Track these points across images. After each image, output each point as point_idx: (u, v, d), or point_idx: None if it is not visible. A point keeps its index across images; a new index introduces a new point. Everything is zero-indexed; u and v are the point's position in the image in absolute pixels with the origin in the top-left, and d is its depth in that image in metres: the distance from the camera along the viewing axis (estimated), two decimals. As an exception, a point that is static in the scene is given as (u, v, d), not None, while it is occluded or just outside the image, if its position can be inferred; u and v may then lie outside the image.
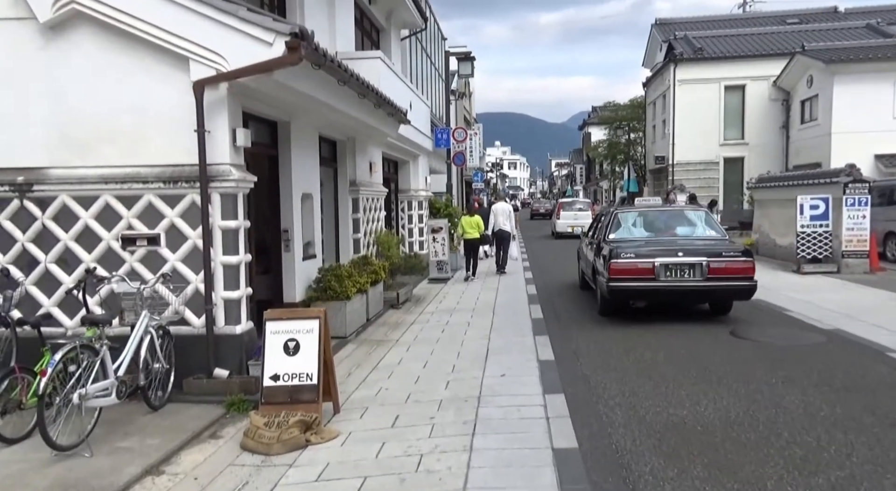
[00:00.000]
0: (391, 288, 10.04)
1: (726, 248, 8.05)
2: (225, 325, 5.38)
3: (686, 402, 4.89)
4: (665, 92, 27.73)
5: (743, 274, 7.71)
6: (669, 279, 7.69)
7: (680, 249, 7.86)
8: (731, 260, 7.75)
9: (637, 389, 5.25)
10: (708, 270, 7.62)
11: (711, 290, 7.83)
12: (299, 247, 7.36)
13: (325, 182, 9.22)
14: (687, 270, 7.66)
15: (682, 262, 7.67)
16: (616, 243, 8.27)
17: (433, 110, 17.42)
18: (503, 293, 11.00)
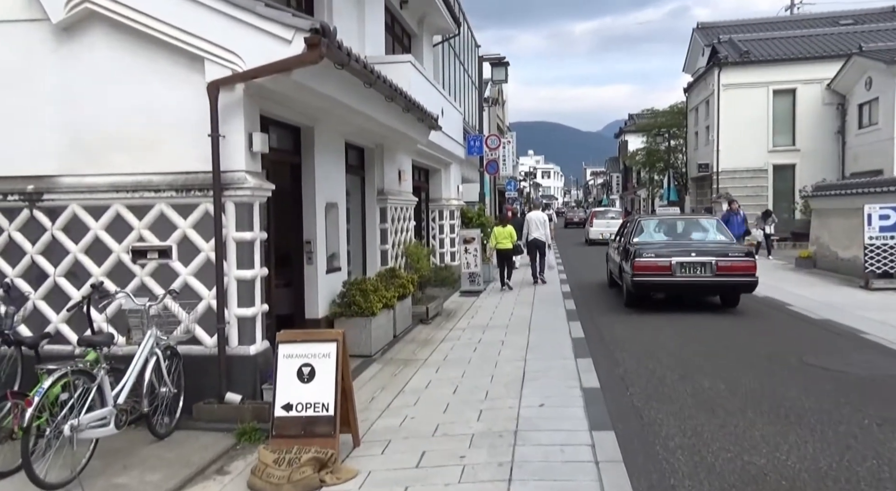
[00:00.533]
0: (420, 302, 9.57)
1: (732, 249, 9.59)
2: (238, 345, 4.97)
3: (762, 446, 4.23)
4: (709, 97, 26.71)
5: (746, 271, 9.13)
6: (684, 275, 9.18)
7: (693, 250, 9.41)
8: (736, 259, 9.22)
9: (701, 428, 4.61)
10: (717, 267, 9.07)
11: (720, 284, 9.34)
12: (322, 259, 6.95)
13: (351, 191, 8.83)
14: (699, 267, 9.14)
15: (695, 260, 9.18)
16: (639, 245, 9.76)
17: (466, 118, 16.99)
18: (539, 308, 10.40)
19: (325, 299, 6.99)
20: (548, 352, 7.03)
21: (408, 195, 10.33)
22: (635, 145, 48.33)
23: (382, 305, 7.28)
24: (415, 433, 4.67)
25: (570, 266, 16.35)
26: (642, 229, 10.53)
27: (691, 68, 33.63)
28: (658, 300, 10.17)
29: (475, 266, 13.00)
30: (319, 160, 6.86)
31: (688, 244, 9.86)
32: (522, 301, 11.31)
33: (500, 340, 7.82)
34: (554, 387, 5.65)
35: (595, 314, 9.62)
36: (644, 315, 9.33)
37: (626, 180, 57.19)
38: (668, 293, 9.86)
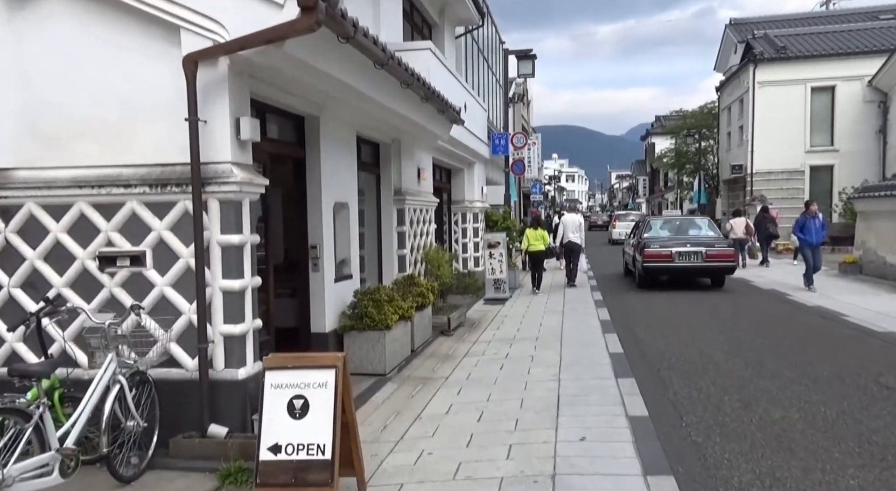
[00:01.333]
0: (441, 311, 8.76)
1: (718, 242, 12.54)
2: (224, 368, 4.21)
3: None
4: (743, 95, 25.47)
5: (728, 258, 12.12)
6: (681, 261, 12.02)
7: (689, 243, 12.26)
8: (720, 249, 12.15)
9: (780, 472, 3.72)
10: (706, 255, 11.94)
11: (708, 268, 12.17)
12: (331, 266, 6.18)
13: (365, 190, 8.08)
14: (692, 255, 12.01)
15: (690, 250, 12.04)
16: (648, 239, 12.77)
17: (490, 118, 16.18)
18: (570, 317, 9.51)
19: (334, 311, 6.22)
20: (584, 371, 6.15)
21: (428, 196, 9.55)
22: (663, 147, 47.00)
23: (398, 317, 6.49)
24: (432, 475, 3.85)
25: (594, 262, 17.97)
26: (651, 227, 13.67)
27: (723, 67, 32.36)
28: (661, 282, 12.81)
29: (500, 272, 12.15)
30: (326, 154, 6.11)
31: (685, 238, 12.70)
32: (552, 309, 10.42)
33: (529, 356, 6.95)
34: (595, 415, 4.78)
35: (615, 293, 12.38)
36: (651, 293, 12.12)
37: (653, 183, 55.74)
38: (669, 276, 12.61)
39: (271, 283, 5.34)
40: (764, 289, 12.54)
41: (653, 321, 9.05)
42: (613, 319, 9.03)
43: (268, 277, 5.31)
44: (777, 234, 18.48)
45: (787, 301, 10.83)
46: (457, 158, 12.01)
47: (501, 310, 10.76)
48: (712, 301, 10.89)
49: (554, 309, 10.48)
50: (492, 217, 13.82)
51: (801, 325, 8.54)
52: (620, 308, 10.25)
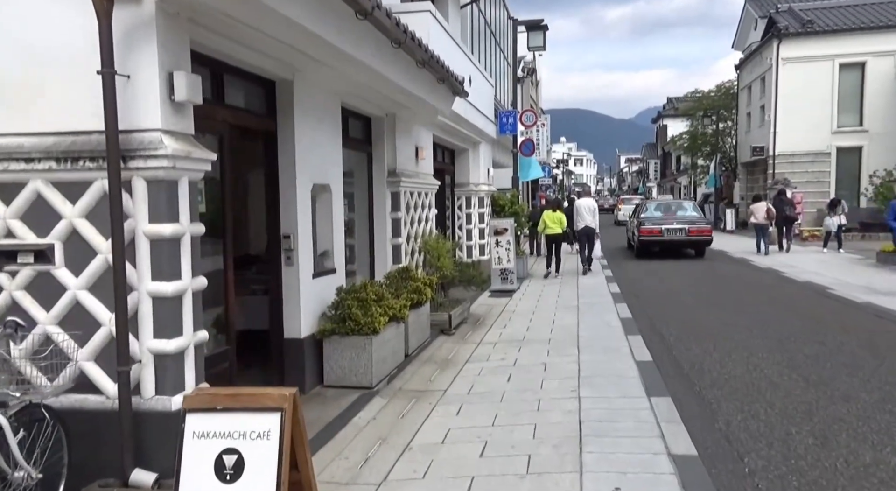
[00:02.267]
0: (442, 307, 7.83)
1: (699, 221, 15.63)
2: (155, 395, 3.29)
3: None
4: (765, 73, 24.17)
5: (705, 234, 15.14)
6: (669, 236, 15.11)
7: (675, 221, 15.31)
8: (700, 227, 15.24)
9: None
10: (688, 231, 15.01)
11: (689, 241, 15.15)
12: (308, 259, 5.23)
13: (355, 171, 7.11)
14: (677, 231, 15.10)
15: (675, 227, 15.12)
16: (644, 218, 15.97)
17: (498, 97, 15.07)
18: (587, 313, 8.56)
19: (312, 312, 5.28)
20: (608, 385, 5.19)
21: (427, 178, 8.56)
22: (676, 130, 45.56)
23: (389, 319, 5.55)
24: (419, 543, 2.93)
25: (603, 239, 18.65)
26: (646, 209, 16.96)
27: (742, 44, 30.97)
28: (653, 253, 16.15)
29: (508, 261, 11.20)
30: (302, 127, 5.12)
31: (672, 218, 15.77)
32: (565, 303, 9.47)
33: (541, 363, 6.01)
34: (628, 452, 3.83)
35: (619, 261, 15.64)
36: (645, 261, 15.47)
37: (665, 167, 54.38)
38: (660, 248, 15.81)
39: (230, 280, 4.40)
40: (798, 281, 11.53)
41: (654, 294, 8.10)
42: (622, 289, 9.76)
43: (226, 274, 4.38)
44: (795, 217, 17.53)
45: (830, 296, 9.79)
46: (461, 137, 10.98)
47: (509, 304, 9.82)
48: (762, 313, 9.89)
49: (567, 303, 9.53)
50: (498, 201, 12.82)
51: (858, 326, 7.50)
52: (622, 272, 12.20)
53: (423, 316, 6.82)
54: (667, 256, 15.63)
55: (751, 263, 14.50)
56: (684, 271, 13.46)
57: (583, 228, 12.72)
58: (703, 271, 13.41)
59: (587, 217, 12.65)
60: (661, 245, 15.57)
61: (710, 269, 13.86)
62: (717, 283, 11.60)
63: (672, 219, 15.68)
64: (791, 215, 17.13)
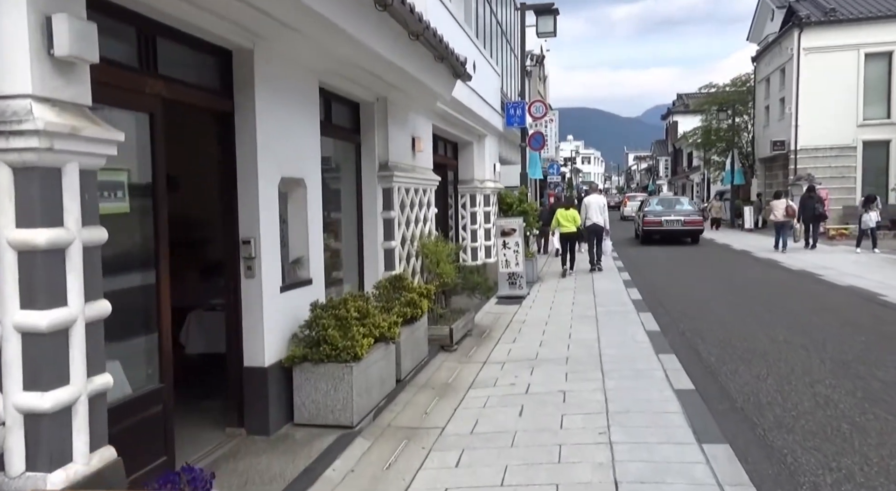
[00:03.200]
0: (442, 319, 6.87)
1: (694, 214, 19.02)
2: (26, 472, 2.34)
3: None
4: (785, 64, 23.06)
5: (698, 224, 18.55)
6: (668, 226, 18.24)
7: (673, 213, 18.54)
8: (694, 218, 18.58)
9: None
10: (684, 222, 18.19)
11: (685, 231, 18.24)
12: (274, 268, 4.28)
13: (342, 164, 6.18)
14: (675, 222, 18.28)
15: (673, 218, 18.36)
16: (647, 211, 19.45)
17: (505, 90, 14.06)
18: (607, 322, 7.58)
19: (279, 333, 4.33)
20: (646, 425, 4.20)
21: (426, 172, 7.60)
22: (687, 126, 44.37)
23: (375, 339, 4.61)
24: None
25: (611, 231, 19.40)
26: (650, 204, 20.40)
27: (758, 36, 29.82)
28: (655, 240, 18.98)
29: (516, 264, 10.23)
30: (266, 107, 4.17)
31: (671, 211, 18.88)
32: (582, 312, 8.49)
33: (558, 391, 5.04)
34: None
35: (627, 247, 18.49)
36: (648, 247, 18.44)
37: (676, 164, 53.17)
38: (660, 235, 18.66)
39: (164, 298, 3.45)
40: (840, 285, 10.48)
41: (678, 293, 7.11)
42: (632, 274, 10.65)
43: (159, 290, 3.43)
44: (826, 215, 16.88)
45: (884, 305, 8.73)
46: (464, 129, 10.01)
47: (518, 312, 8.86)
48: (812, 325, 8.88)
49: (584, 311, 8.54)
50: (506, 199, 11.84)
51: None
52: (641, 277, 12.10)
53: (419, 332, 5.86)
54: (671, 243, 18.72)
55: (780, 265, 13.46)
56: (709, 275, 12.46)
57: (591, 226, 12.48)
58: (730, 274, 12.40)
59: (596, 214, 12.45)
60: (660, 233, 18.79)
61: (738, 271, 12.85)
62: (749, 288, 10.59)
63: (671, 212, 19.09)
64: (821, 213, 16.44)
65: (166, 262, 3.44)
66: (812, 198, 16.38)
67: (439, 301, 7.29)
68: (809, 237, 16.29)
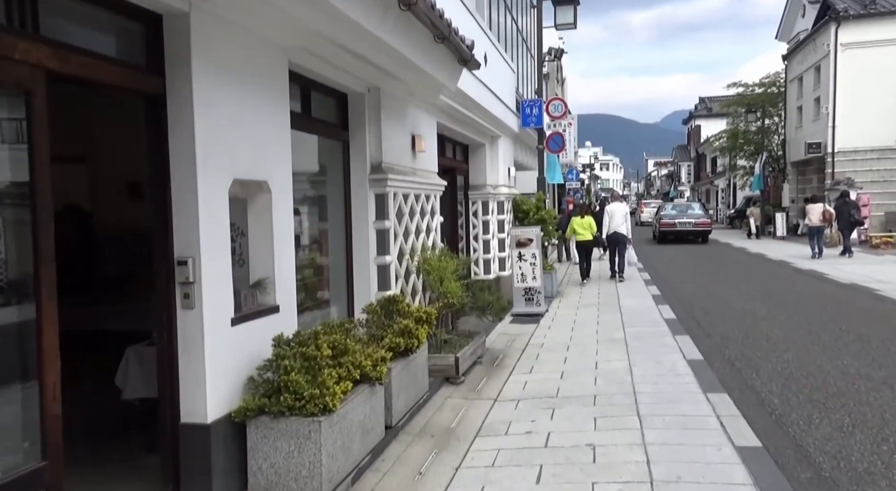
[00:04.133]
0: (447, 345, 5.90)
1: (704, 217, 22.68)
2: None
3: None
4: (820, 61, 21.78)
5: (707, 226, 22.39)
6: (680, 227, 21.98)
7: (685, 217, 22.42)
8: (703, 221, 22.40)
9: None
10: (694, 224, 22.05)
11: (695, 231, 21.93)
12: (221, 295, 3.35)
13: (327, 165, 5.28)
14: (687, 224, 22.12)
15: (685, 221, 22.26)
16: (663, 215, 23.52)
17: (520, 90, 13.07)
18: (640, 350, 6.52)
19: (229, 378, 3.39)
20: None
21: (429, 176, 6.66)
22: (710, 130, 43.00)
23: (356, 381, 3.66)
24: None
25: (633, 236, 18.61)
26: (665, 208, 24.59)
27: (787, 34, 28.54)
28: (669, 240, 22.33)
29: (533, 278, 9.24)
30: (209, 89, 3.26)
31: (683, 214, 22.49)
32: (608, 333, 7.45)
33: (587, 445, 4.02)
34: None
35: (647, 246, 21.47)
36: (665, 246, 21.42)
37: (699, 169, 51.66)
38: (674, 236, 22.08)
39: (49, 339, 2.53)
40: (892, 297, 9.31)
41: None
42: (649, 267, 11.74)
43: (40, 328, 2.51)
44: (861, 221, 16.16)
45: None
46: (475, 129, 9.06)
47: (536, 333, 7.85)
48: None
49: (611, 333, 7.50)
50: (521, 206, 10.84)
51: None
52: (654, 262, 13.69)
53: (416, 365, 4.89)
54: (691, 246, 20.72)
55: (826, 277, 12.25)
56: (748, 288, 11.32)
57: (613, 235, 12.09)
58: (771, 288, 11.24)
59: (619, 222, 12.09)
60: (674, 234, 22.27)
61: (780, 284, 11.69)
62: (797, 305, 9.44)
63: (683, 215, 22.84)
64: (857, 219, 15.64)
65: (51, 289, 2.52)
66: (847, 204, 15.63)
67: (444, 324, 6.32)
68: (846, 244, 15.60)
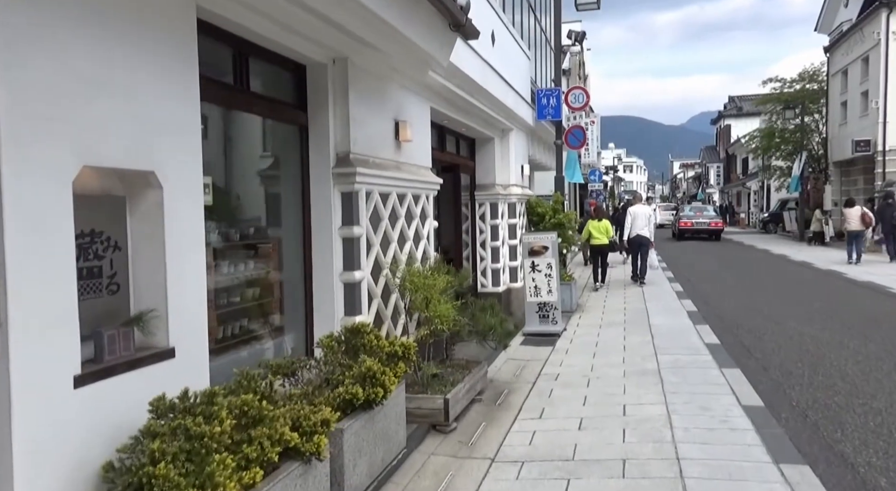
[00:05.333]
0: (436, 381, 4.70)
1: (715, 218, 26.39)
2: None
3: None
4: (869, 52, 20.09)
5: (719, 226, 25.86)
6: (696, 226, 25.41)
7: (701, 218, 25.97)
8: (716, 221, 25.98)
9: None
10: (709, 224, 25.42)
11: (709, 230, 25.26)
12: (50, 341, 2.20)
13: (279, 155, 4.15)
14: (702, 224, 25.48)
15: (701, 220, 25.70)
16: (681, 216, 27.26)
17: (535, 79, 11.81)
18: (679, 387, 5.22)
19: (65, 467, 2.24)
20: None
21: (419, 171, 5.47)
22: (741, 130, 41.13)
23: (274, 465, 2.48)
24: None
25: None
26: (684, 210, 28.70)
27: (828, 26, 26.78)
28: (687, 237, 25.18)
29: (549, 292, 7.99)
30: (24, 25, 2.12)
31: (699, 216, 25.95)
32: (637, 363, 6.16)
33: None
34: None
35: (667, 243, 22.94)
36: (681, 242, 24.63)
37: (729, 171, 49.60)
38: (690, 234, 25.07)
39: None
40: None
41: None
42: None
43: None
44: None
45: None
46: (482, 120, 7.85)
47: (550, 358, 6.62)
48: None
49: (642, 363, 6.20)
50: (536, 209, 9.59)
51: None
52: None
53: (385, 417, 3.71)
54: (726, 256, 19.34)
55: (889, 291, 10.75)
56: (808, 309, 9.90)
57: (635, 238, 11.71)
58: (831, 305, 9.82)
59: (641, 226, 11.70)
60: (690, 232, 25.17)
61: (836, 299, 10.24)
62: (871, 329, 7.95)
63: (699, 216, 26.06)
64: None
65: None
66: (891, 206, 14.87)
67: (435, 353, 5.11)
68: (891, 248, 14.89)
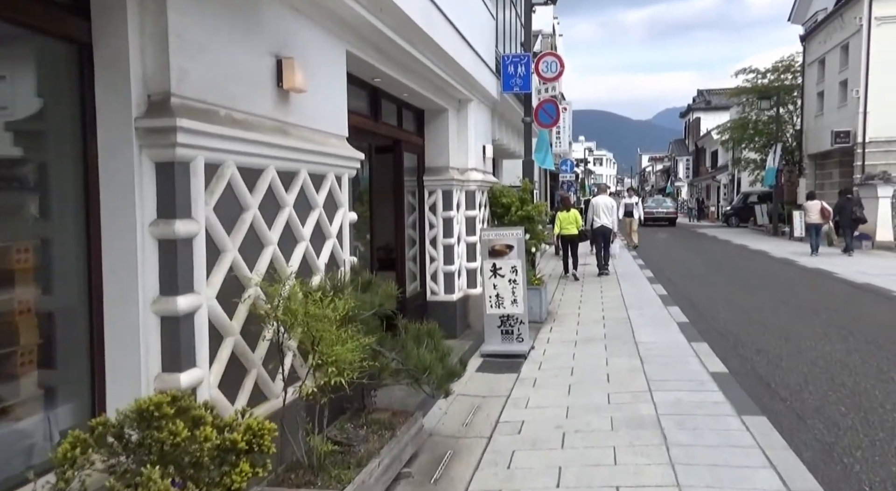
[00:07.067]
0: (334, 462, 3.01)
1: (672, 208, 34.60)
2: None
3: None
4: (849, 40, 19.05)
5: (674, 214, 33.91)
6: (657, 214, 32.28)
7: (661, 208, 33.75)
8: (671, 211, 33.98)
9: None
10: (666, 213, 33.15)
11: (667, 218, 32.64)
12: None
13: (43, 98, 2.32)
14: (661, 213, 32.90)
15: (660, 210, 33.26)
16: (645, 207, 28.77)
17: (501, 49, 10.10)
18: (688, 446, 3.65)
19: None
20: None
21: (321, 139, 3.75)
22: (711, 123, 40.49)
23: None
24: None
25: None
26: (647, 201, 34.85)
27: (801, 16, 25.90)
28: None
29: (512, 302, 6.40)
30: None
31: (659, 206, 33.72)
32: (629, 406, 4.57)
33: None
34: None
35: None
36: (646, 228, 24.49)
37: (698, 164, 49.03)
38: (652, 221, 29.94)
39: None
40: None
41: None
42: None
43: None
44: (864, 219, 15.51)
45: None
46: (431, 84, 6.12)
47: (513, 394, 5.05)
48: None
49: (633, 406, 4.62)
50: (500, 199, 7.95)
51: None
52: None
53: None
54: None
55: (892, 295, 9.51)
56: (821, 323, 8.53)
57: (599, 228, 11.93)
58: (844, 318, 8.49)
59: (604, 216, 11.89)
60: (652, 219, 29.23)
61: (857, 314, 8.93)
62: (878, 339, 6.68)
63: (659, 207, 32.46)
64: (859, 217, 15.34)
65: None
66: (850, 200, 15.47)
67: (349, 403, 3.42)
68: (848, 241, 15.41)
